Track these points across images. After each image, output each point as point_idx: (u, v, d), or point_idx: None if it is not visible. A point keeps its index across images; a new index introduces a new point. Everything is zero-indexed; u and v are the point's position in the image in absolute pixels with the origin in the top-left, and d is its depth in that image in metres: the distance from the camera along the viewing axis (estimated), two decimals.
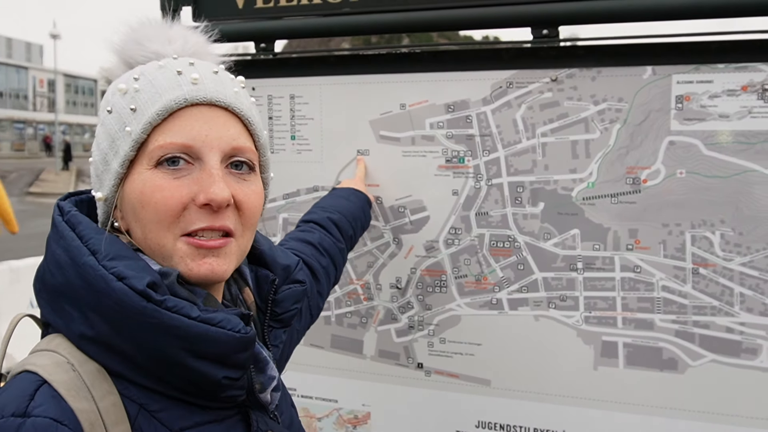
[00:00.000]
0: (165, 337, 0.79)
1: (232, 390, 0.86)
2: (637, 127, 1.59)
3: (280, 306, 1.08)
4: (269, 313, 1.07)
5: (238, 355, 0.84)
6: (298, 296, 1.11)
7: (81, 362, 0.80)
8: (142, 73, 0.89)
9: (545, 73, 1.65)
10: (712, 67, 1.53)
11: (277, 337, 1.10)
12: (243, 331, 0.84)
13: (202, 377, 0.82)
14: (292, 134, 1.90)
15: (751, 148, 1.52)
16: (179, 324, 0.79)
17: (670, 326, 1.62)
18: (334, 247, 1.51)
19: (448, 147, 1.75)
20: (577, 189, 1.65)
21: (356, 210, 1.67)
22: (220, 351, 0.82)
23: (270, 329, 1.08)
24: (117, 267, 0.80)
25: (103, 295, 0.79)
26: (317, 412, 1.98)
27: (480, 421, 1.81)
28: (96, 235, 0.84)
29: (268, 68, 1.90)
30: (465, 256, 1.77)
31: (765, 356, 1.56)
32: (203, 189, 0.84)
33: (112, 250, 0.82)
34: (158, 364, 0.81)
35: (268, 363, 0.95)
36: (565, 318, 1.70)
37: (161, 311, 0.79)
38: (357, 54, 1.85)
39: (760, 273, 1.55)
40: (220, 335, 0.81)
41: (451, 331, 1.81)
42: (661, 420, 1.64)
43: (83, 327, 0.81)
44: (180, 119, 0.86)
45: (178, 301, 0.80)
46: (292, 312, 1.11)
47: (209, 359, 0.82)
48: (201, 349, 0.81)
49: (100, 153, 0.90)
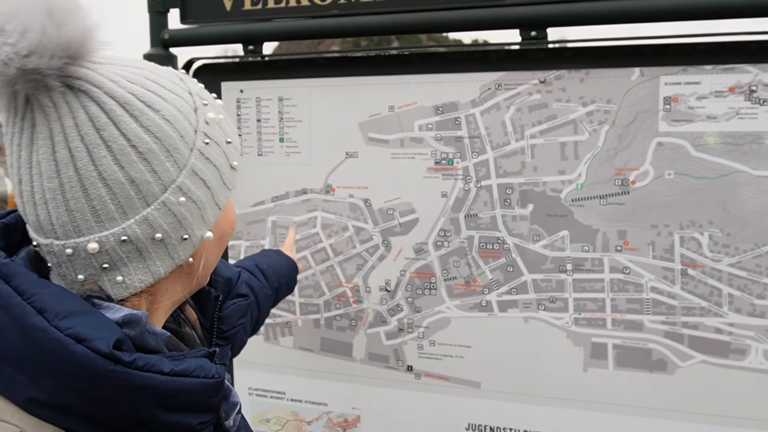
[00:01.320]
0: (136, 397, 0.71)
1: (204, 430, 0.81)
2: (626, 128, 1.60)
3: (225, 323, 1.03)
4: (216, 331, 1.01)
5: (212, 399, 0.79)
6: (243, 311, 1.07)
7: (35, 426, 0.70)
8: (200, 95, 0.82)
9: (534, 74, 1.65)
10: (699, 68, 1.54)
11: (224, 355, 1.05)
12: (216, 375, 0.78)
13: (177, 428, 0.76)
14: (281, 137, 1.89)
15: (739, 149, 1.53)
16: (153, 383, 0.71)
17: (659, 327, 1.62)
18: (260, 291, 1.48)
19: (437, 149, 1.74)
20: (566, 190, 1.65)
21: (283, 267, 1.66)
22: (196, 400, 0.76)
23: (217, 347, 1.01)
24: (73, 327, 0.68)
25: (62, 360, 0.68)
26: (307, 415, 1.97)
27: (470, 424, 1.80)
28: (39, 290, 0.71)
29: (257, 70, 1.90)
30: (454, 258, 1.77)
31: (753, 357, 1.56)
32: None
33: (63, 307, 0.70)
34: (130, 423, 0.73)
35: (231, 390, 0.90)
36: (555, 320, 1.70)
37: (132, 372, 0.69)
38: (346, 56, 1.85)
39: (749, 273, 1.55)
40: (195, 385, 0.75)
41: (441, 333, 1.80)
42: (651, 421, 1.64)
43: (32, 392, 0.70)
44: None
45: (148, 358, 0.72)
46: (238, 327, 1.06)
47: (184, 410, 0.76)
48: (176, 402, 0.74)
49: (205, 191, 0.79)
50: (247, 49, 1.90)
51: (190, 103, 0.79)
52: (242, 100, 1.91)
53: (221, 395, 0.81)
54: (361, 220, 1.84)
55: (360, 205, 1.83)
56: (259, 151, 1.91)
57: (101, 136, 0.71)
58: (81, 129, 0.70)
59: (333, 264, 1.88)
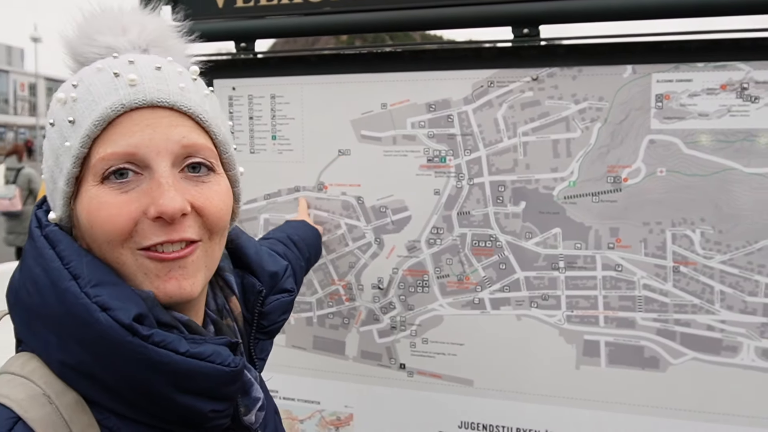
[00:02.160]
0: (151, 373, 0.74)
1: (217, 420, 0.82)
2: (618, 125, 1.60)
3: (267, 318, 1.01)
4: (255, 325, 1.00)
5: (227, 388, 0.81)
6: (286, 307, 1.05)
7: (58, 393, 0.75)
8: (80, 79, 0.82)
9: (526, 72, 1.65)
10: (691, 66, 1.54)
11: (263, 350, 1.04)
12: (233, 364, 0.79)
13: (188, 411, 0.78)
14: (273, 134, 1.89)
15: (730, 147, 1.53)
16: (167, 360, 0.74)
17: (651, 325, 1.62)
18: (296, 263, 1.49)
19: (429, 146, 1.74)
20: (558, 188, 1.65)
21: (310, 237, 1.67)
22: (209, 386, 0.78)
23: (256, 341, 1.02)
24: (101, 296, 0.74)
25: (86, 325, 0.73)
26: (299, 414, 1.97)
27: (463, 422, 1.80)
28: (77, 258, 0.77)
29: (249, 68, 1.89)
30: (447, 256, 1.76)
31: (745, 354, 1.56)
32: (153, 201, 0.77)
33: (95, 276, 0.76)
34: (143, 397, 0.76)
35: (253, 385, 0.90)
36: (547, 317, 1.70)
37: (148, 347, 0.73)
38: (338, 53, 1.84)
39: (740, 271, 1.55)
40: (209, 370, 0.77)
41: (434, 331, 1.80)
42: (643, 418, 1.64)
43: (62, 354, 0.75)
44: (119, 127, 0.78)
45: (165, 335, 0.75)
46: (280, 323, 1.04)
47: (197, 393, 0.77)
48: (189, 384, 0.76)
49: (48, 170, 0.84)
50: (239, 46, 1.89)
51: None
52: (234, 98, 1.91)
53: (237, 386, 0.82)
54: (354, 218, 1.83)
55: (352, 202, 1.83)
56: (251, 148, 1.91)
57: None
58: None
59: (326, 262, 1.88)
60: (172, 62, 0.87)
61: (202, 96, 0.87)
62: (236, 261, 1.02)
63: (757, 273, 1.54)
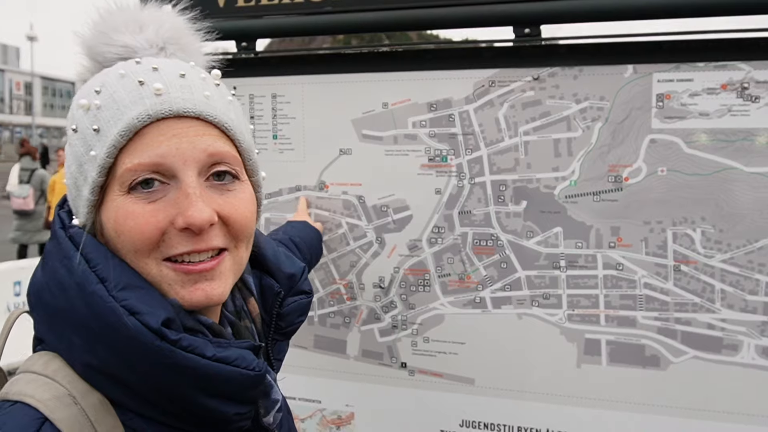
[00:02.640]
0: (178, 376, 0.75)
1: (240, 422, 0.83)
2: (619, 125, 1.60)
3: (285, 320, 1.02)
4: (274, 326, 1.01)
5: (251, 392, 0.82)
6: (304, 308, 1.05)
7: (83, 394, 0.75)
8: (103, 84, 0.81)
9: (527, 71, 1.66)
10: (692, 65, 1.54)
11: (281, 351, 1.04)
12: (257, 369, 0.80)
13: (213, 414, 0.78)
14: (274, 133, 1.89)
15: (731, 146, 1.54)
16: (194, 364, 0.75)
17: (652, 323, 1.62)
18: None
19: (430, 146, 1.74)
20: (559, 187, 1.66)
21: (311, 238, 1.67)
22: (234, 389, 0.79)
23: (274, 342, 1.02)
24: (129, 300, 0.74)
25: (113, 329, 0.73)
26: (300, 413, 1.97)
27: (464, 420, 1.81)
28: (104, 261, 0.77)
29: (250, 67, 1.89)
30: (448, 255, 1.77)
31: (745, 352, 1.57)
32: (181, 211, 0.77)
33: (122, 279, 0.76)
34: (168, 399, 0.77)
35: (273, 387, 0.92)
36: (549, 316, 1.70)
37: (176, 351, 0.74)
38: (339, 53, 1.84)
39: (741, 269, 1.56)
40: (235, 375, 0.78)
41: (435, 330, 1.80)
42: (644, 416, 1.65)
43: (87, 356, 0.75)
44: (146, 137, 0.78)
45: (193, 340, 0.76)
46: (297, 325, 1.05)
47: (222, 397, 0.78)
48: (215, 388, 0.77)
49: (70, 177, 0.83)
50: (240, 45, 1.89)
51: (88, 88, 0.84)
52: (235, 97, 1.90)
53: (260, 389, 0.83)
54: (355, 217, 1.84)
55: (354, 202, 1.83)
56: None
57: None
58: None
59: (327, 261, 1.88)
60: (195, 67, 0.87)
61: (226, 103, 0.87)
62: (253, 262, 1.02)
63: (758, 272, 1.55)
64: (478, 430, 1.80)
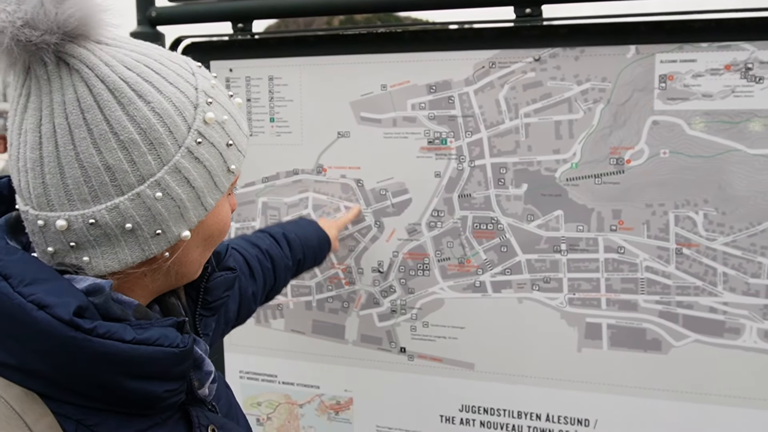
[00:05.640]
0: (99, 364, 0.72)
1: (173, 398, 0.81)
2: (621, 106, 1.58)
3: (211, 294, 1.01)
4: (201, 301, 1.01)
5: (178, 368, 0.79)
6: (230, 283, 1.05)
7: (4, 387, 0.72)
8: (207, 94, 0.80)
9: (528, 52, 1.63)
10: (695, 46, 1.52)
11: (207, 326, 1.05)
12: (181, 344, 0.78)
13: (142, 395, 0.76)
14: (271, 116, 1.86)
15: (734, 128, 1.52)
16: (114, 350, 0.72)
17: (653, 307, 1.61)
18: (280, 260, 1.50)
19: (430, 128, 1.72)
20: (560, 170, 1.64)
21: (312, 239, 1.65)
22: (160, 368, 0.77)
23: (201, 318, 1.02)
24: (36, 294, 0.70)
25: (24, 326, 0.70)
26: (299, 398, 1.96)
27: (464, 405, 1.80)
28: (5, 256, 0.74)
29: (246, 49, 1.86)
30: (448, 239, 1.75)
31: (747, 335, 1.56)
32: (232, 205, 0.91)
33: (28, 274, 0.72)
34: (94, 387, 0.74)
35: (204, 359, 0.90)
36: (549, 300, 1.69)
37: (92, 339, 0.70)
38: (337, 34, 1.82)
39: (743, 252, 1.55)
40: (158, 354, 0.75)
41: (434, 314, 1.79)
42: (645, 401, 1.64)
43: (2, 355, 0.72)
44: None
45: (110, 326, 0.72)
46: (224, 299, 1.05)
47: (148, 377, 0.76)
48: (139, 370, 0.75)
49: (190, 190, 0.78)
50: (236, 27, 1.86)
51: (192, 98, 0.78)
52: (232, 80, 1.88)
53: (187, 364, 0.81)
54: (354, 201, 1.82)
55: (352, 185, 1.81)
56: (249, 131, 1.88)
57: (84, 117, 0.71)
58: (67, 107, 0.71)
59: None
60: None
61: None
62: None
63: (760, 255, 1.54)
64: (477, 414, 1.79)
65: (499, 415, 1.77)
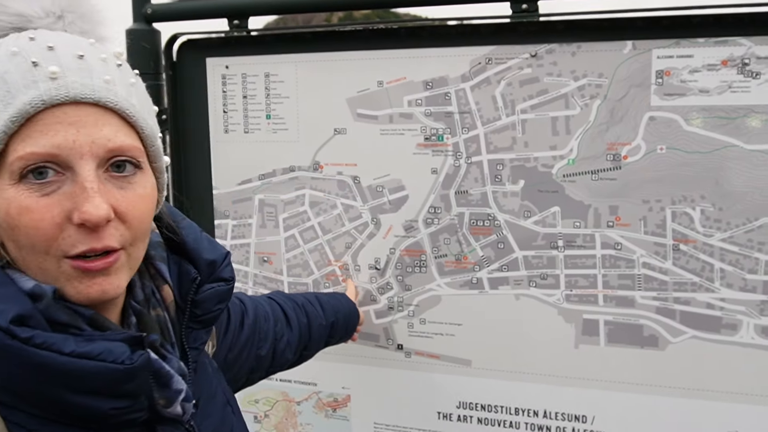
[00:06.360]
0: (37, 375, 0.70)
1: (125, 416, 0.76)
2: (618, 102, 1.58)
3: (200, 307, 0.95)
4: (189, 314, 0.94)
5: (125, 386, 0.75)
6: (222, 296, 0.98)
7: None
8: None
9: (525, 48, 1.63)
10: (692, 41, 1.52)
11: (197, 339, 0.96)
12: (127, 362, 0.73)
13: (85, 411, 0.73)
14: (268, 113, 1.86)
15: (731, 123, 1.51)
16: (50, 362, 0.69)
17: (650, 303, 1.61)
18: (315, 318, 1.52)
19: (426, 125, 1.72)
20: (557, 166, 1.64)
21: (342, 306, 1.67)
22: (102, 384, 0.73)
23: (190, 330, 0.95)
24: None
25: None
26: (296, 396, 1.96)
27: (461, 402, 1.80)
28: None
29: (242, 46, 1.86)
30: (445, 236, 1.75)
31: (745, 331, 1.56)
32: (77, 206, 0.72)
33: None
34: (37, 398, 0.72)
35: (173, 377, 0.83)
36: (546, 296, 1.68)
37: (28, 349, 0.68)
38: (333, 30, 1.81)
39: (740, 248, 1.54)
40: (99, 369, 0.71)
41: (432, 311, 1.78)
42: (643, 397, 1.64)
43: None
44: (39, 124, 0.71)
45: (48, 336, 0.70)
46: (215, 313, 0.98)
47: (91, 393, 0.72)
48: (80, 384, 0.71)
49: None
50: (232, 23, 1.86)
51: None
52: (228, 77, 1.88)
53: (137, 382, 0.76)
54: (350, 198, 1.81)
55: (349, 182, 1.81)
56: (245, 128, 1.88)
57: None
58: None
59: (321, 242, 1.86)
60: (95, 45, 0.79)
61: (128, 86, 0.80)
62: (175, 248, 0.96)
63: (757, 251, 1.53)
64: (475, 411, 1.79)
65: (497, 412, 1.77)
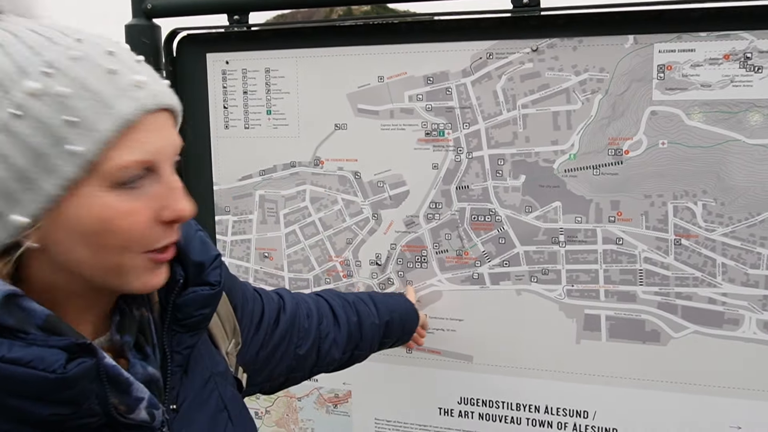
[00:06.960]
0: None
1: (73, 422, 0.75)
2: (619, 97, 1.57)
3: (182, 311, 0.92)
4: (170, 316, 0.92)
5: (60, 394, 0.73)
6: (205, 301, 0.94)
7: None
8: (51, 65, 0.70)
9: (526, 43, 1.62)
10: (694, 35, 1.51)
11: (182, 343, 0.94)
12: (59, 371, 0.71)
13: (24, 415, 0.72)
14: (268, 109, 1.85)
15: (733, 118, 1.51)
16: None
17: (652, 298, 1.61)
18: (366, 317, 1.48)
19: (427, 120, 1.71)
20: (558, 161, 1.63)
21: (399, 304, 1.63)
22: (34, 391, 0.71)
23: (173, 333, 0.93)
24: None
25: None
26: (297, 392, 1.96)
27: (462, 397, 1.79)
28: None
29: (242, 41, 1.85)
30: (446, 231, 1.74)
31: (747, 326, 1.56)
32: (168, 205, 0.77)
33: None
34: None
35: (132, 384, 0.80)
36: (547, 292, 1.68)
37: None
38: (334, 26, 1.80)
39: (742, 243, 1.54)
40: (27, 376, 0.70)
41: (433, 306, 1.78)
42: (644, 392, 1.64)
43: None
44: (135, 132, 0.73)
45: None
46: (197, 318, 0.94)
47: (29, 398, 0.71)
48: (15, 388, 0.70)
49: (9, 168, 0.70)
50: (232, 19, 1.85)
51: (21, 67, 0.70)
52: (228, 72, 1.87)
53: (77, 391, 0.74)
54: (351, 193, 1.81)
55: (349, 177, 1.81)
56: (245, 123, 1.87)
57: None
58: None
59: (322, 238, 1.86)
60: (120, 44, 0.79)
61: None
62: None
63: (759, 245, 1.53)
64: (476, 407, 1.78)
65: (498, 407, 1.77)
